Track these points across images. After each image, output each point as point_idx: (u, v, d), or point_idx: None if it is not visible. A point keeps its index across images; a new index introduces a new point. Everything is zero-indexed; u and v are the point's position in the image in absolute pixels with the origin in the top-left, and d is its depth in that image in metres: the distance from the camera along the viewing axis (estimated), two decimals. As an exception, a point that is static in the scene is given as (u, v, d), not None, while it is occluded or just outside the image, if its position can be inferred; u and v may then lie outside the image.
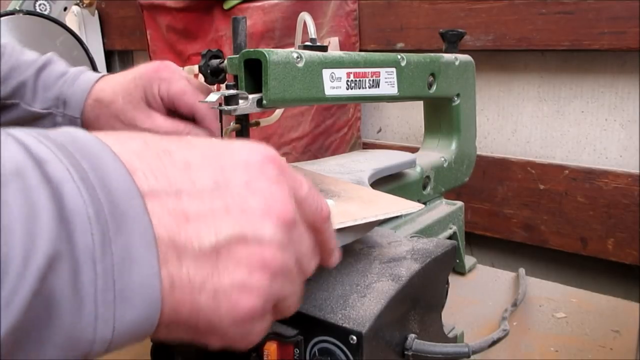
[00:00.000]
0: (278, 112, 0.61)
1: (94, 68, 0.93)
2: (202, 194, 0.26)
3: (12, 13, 0.83)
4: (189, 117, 0.59)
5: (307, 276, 0.33)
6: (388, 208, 0.44)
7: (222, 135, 0.54)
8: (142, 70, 0.59)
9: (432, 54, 0.73)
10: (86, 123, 0.58)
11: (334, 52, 0.58)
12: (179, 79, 0.58)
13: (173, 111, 0.59)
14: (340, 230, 0.40)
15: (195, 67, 1.17)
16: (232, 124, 0.54)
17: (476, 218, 1.07)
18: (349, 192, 0.49)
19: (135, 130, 0.53)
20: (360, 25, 1.16)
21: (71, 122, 0.58)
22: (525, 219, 1.02)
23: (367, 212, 0.42)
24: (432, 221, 0.75)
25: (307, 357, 0.40)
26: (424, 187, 0.77)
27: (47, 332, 0.21)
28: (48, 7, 0.92)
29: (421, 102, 0.88)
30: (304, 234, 0.31)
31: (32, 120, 0.57)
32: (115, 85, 0.58)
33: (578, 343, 0.65)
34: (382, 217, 0.43)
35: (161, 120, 0.58)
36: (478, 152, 0.90)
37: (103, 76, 0.61)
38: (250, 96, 0.50)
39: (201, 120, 0.58)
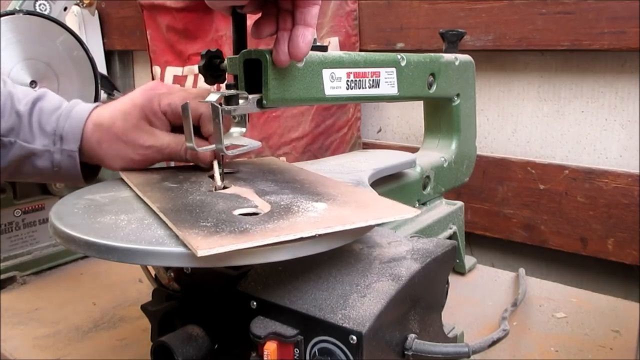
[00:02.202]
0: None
1: (94, 68, 0.93)
2: None
3: (12, 13, 0.83)
4: (195, 126, 0.58)
5: None
6: (381, 213, 0.44)
7: (221, 135, 0.54)
8: (137, 92, 0.59)
9: (432, 54, 0.73)
10: (89, 150, 0.58)
11: (334, 52, 0.58)
12: (177, 91, 0.58)
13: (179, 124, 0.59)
14: (328, 234, 0.40)
15: (195, 67, 1.17)
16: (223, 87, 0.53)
17: (476, 218, 1.07)
18: (346, 196, 0.49)
19: (139, 151, 0.56)
20: (360, 25, 1.16)
21: (69, 156, 0.57)
22: (525, 219, 1.02)
23: (359, 217, 0.42)
24: (432, 221, 0.75)
25: (307, 357, 0.40)
26: (424, 187, 0.77)
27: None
28: (48, 7, 0.92)
29: (421, 102, 0.88)
30: None
31: (28, 157, 0.57)
32: (113, 109, 0.58)
33: (578, 343, 0.65)
34: (373, 223, 0.42)
35: (164, 136, 0.58)
36: (478, 152, 0.90)
37: (98, 105, 0.61)
38: (250, 96, 0.50)
39: (204, 124, 0.58)
